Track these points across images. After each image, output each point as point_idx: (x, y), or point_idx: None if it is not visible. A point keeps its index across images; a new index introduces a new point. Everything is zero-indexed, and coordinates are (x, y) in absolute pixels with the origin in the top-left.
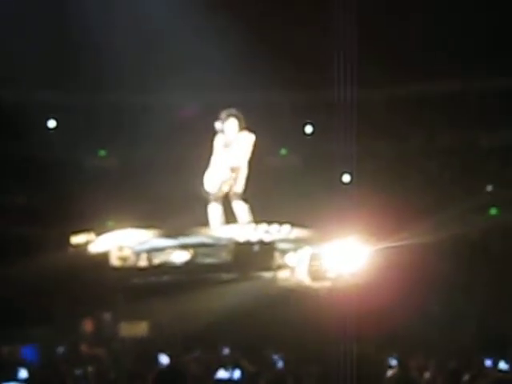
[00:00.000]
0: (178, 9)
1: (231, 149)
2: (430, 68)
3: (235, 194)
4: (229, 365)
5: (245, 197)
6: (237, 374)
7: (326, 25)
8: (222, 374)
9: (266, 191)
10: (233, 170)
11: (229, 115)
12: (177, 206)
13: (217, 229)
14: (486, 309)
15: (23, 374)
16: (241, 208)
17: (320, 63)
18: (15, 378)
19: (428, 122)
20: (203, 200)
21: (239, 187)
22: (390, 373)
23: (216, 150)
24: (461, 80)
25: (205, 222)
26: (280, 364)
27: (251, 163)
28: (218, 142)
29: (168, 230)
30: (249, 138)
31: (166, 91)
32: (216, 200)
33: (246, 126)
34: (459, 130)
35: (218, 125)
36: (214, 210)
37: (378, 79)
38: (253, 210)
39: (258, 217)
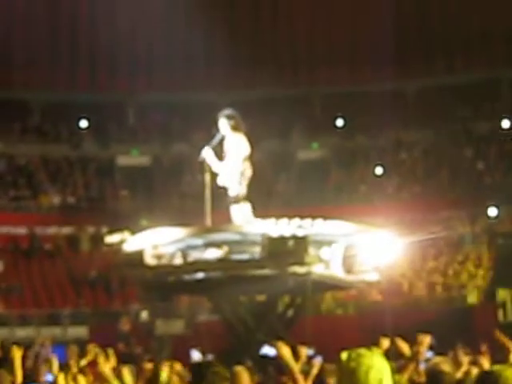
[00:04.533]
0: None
1: (226, 153)
2: (463, 58)
3: (231, 197)
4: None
5: (243, 199)
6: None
7: (361, 17)
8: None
9: (300, 184)
10: (229, 174)
11: (220, 116)
12: (211, 202)
13: (250, 225)
14: None
15: (49, 376)
16: (238, 211)
17: (353, 56)
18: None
19: (462, 112)
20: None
21: (235, 191)
22: (425, 365)
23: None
24: (493, 69)
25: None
26: (318, 359)
27: (254, 164)
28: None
29: (201, 228)
30: (236, 140)
31: (197, 90)
32: (237, 202)
33: (239, 125)
34: (493, 119)
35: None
36: (238, 212)
37: (412, 70)
38: (285, 203)
39: (291, 210)
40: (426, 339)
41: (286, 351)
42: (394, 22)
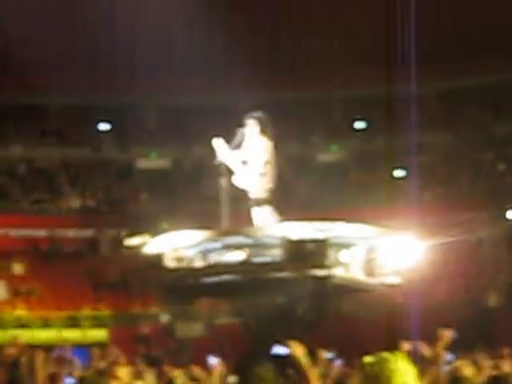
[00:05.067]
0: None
1: (248, 155)
2: (484, 60)
3: (254, 200)
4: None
5: (266, 204)
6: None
7: (380, 19)
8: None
9: (320, 187)
10: (250, 176)
11: (248, 117)
12: (230, 205)
13: (270, 228)
14: None
15: (69, 380)
16: (259, 214)
17: (373, 59)
18: None
19: (482, 114)
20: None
21: (256, 194)
22: (447, 368)
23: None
24: None
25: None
26: (338, 362)
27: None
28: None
29: (222, 230)
30: (262, 143)
31: (217, 93)
32: (259, 204)
33: (268, 130)
34: None
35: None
36: (259, 215)
37: (432, 72)
38: (305, 206)
39: (311, 212)
40: (447, 334)
41: (298, 350)
42: (412, 24)
